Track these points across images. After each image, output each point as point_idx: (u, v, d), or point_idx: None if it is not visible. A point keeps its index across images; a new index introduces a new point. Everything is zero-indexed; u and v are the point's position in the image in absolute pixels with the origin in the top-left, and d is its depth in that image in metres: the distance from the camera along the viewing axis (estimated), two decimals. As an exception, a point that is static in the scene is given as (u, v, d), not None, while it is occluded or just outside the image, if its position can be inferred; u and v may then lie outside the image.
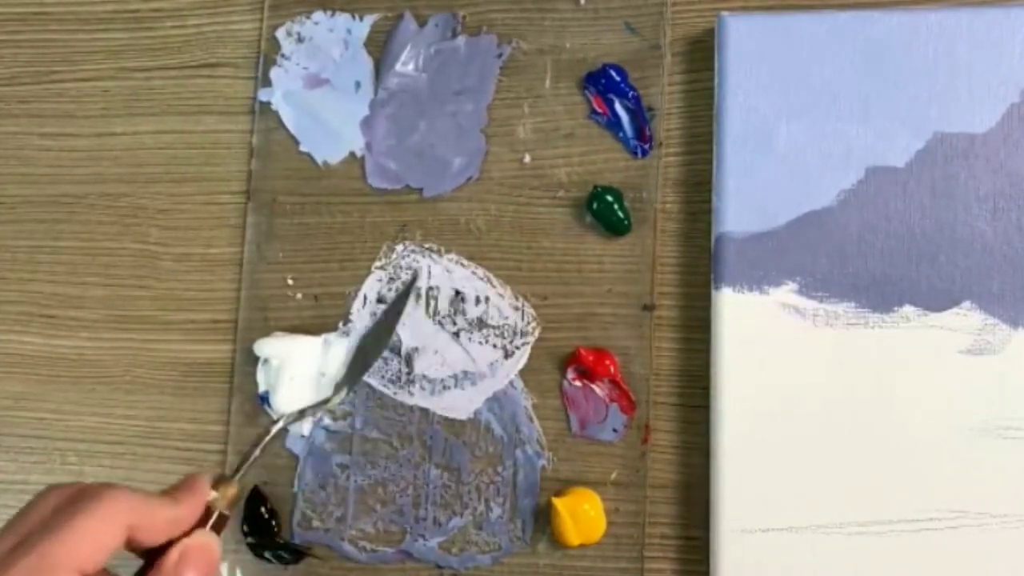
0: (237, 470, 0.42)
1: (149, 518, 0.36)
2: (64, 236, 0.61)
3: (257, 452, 0.43)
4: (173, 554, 0.37)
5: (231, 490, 0.40)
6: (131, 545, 0.37)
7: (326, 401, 0.50)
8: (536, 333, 0.54)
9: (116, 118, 0.61)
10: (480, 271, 0.55)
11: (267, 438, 0.44)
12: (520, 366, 0.54)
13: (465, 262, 0.56)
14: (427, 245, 0.56)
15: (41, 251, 0.61)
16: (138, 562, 0.38)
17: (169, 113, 0.61)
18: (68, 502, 0.36)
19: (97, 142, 0.62)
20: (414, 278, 0.54)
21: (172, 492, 0.39)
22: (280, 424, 0.45)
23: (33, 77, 0.63)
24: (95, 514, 0.35)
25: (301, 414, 0.48)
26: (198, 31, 0.61)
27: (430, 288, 0.55)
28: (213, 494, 0.39)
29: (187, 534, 0.38)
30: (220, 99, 0.60)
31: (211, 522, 0.39)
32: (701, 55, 0.55)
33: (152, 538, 0.37)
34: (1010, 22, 0.50)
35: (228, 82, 0.60)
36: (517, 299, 0.55)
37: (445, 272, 0.56)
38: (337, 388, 0.51)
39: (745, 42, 0.52)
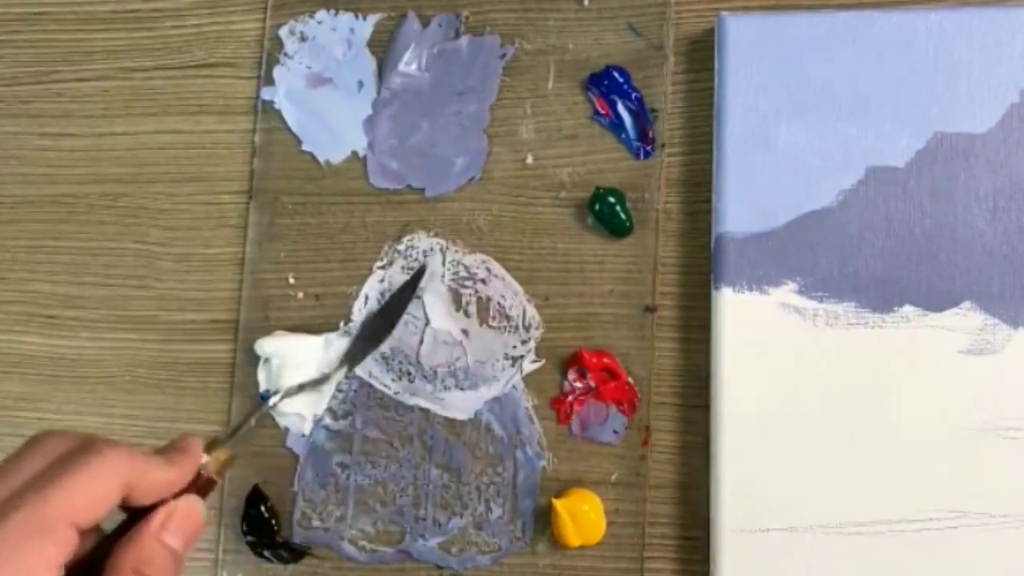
0: (231, 435, 0.41)
1: (145, 479, 0.35)
2: (64, 236, 0.61)
3: (252, 421, 0.42)
4: (158, 516, 0.36)
5: (223, 455, 0.40)
6: (122, 503, 0.36)
7: (325, 378, 0.50)
8: (538, 334, 0.54)
9: (116, 118, 0.61)
10: (484, 268, 0.55)
11: (265, 407, 0.43)
12: (528, 370, 0.54)
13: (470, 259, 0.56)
14: (437, 239, 0.56)
15: (41, 251, 0.61)
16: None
17: (169, 113, 0.61)
18: (66, 453, 0.34)
19: (97, 142, 0.61)
20: (423, 268, 0.54)
21: (166, 453, 0.38)
22: (279, 397, 0.45)
23: (33, 77, 0.63)
24: (94, 470, 0.34)
25: (300, 388, 0.47)
26: (198, 31, 0.61)
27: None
28: (205, 458, 0.39)
29: (175, 496, 0.37)
30: (220, 99, 0.60)
31: (198, 485, 0.38)
32: (701, 55, 0.55)
33: (144, 499, 0.36)
34: (1010, 22, 0.50)
35: (228, 82, 0.60)
36: (518, 299, 0.55)
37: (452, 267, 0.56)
38: (338, 366, 0.51)
39: (745, 42, 0.52)
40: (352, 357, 0.52)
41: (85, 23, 0.63)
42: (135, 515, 0.37)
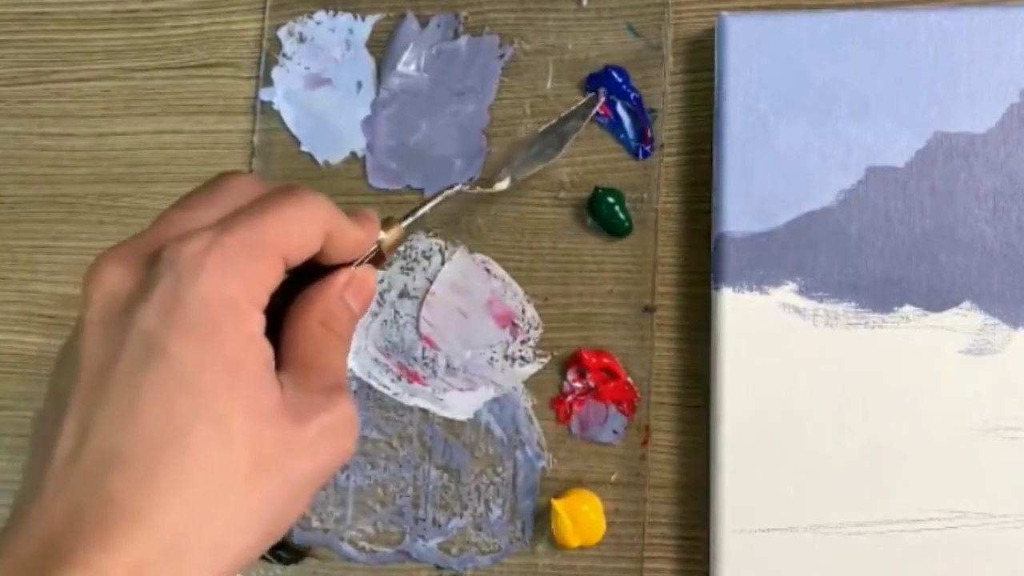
0: (405, 218, 0.40)
1: (342, 233, 0.35)
2: (64, 236, 0.61)
3: (428, 208, 0.42)
4: (342, 276, 0.36)
5: (396, 234, 0.39)
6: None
7: (490, 183, 0.49)
8: (538, 334, 0.54)
9: (116, 118, 0.61)
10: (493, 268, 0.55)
11: (440, 197, 0.43)
12: (533, 371, 0.54)
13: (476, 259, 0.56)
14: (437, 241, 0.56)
15: (41, 251, 0.61)
16: None
17: (169, 113, 0.61)
18: (274, 192, 0.34)
19: (97, 142, 0.62)
20: (598, 94, 0.53)
21: (352, 217, 0.37)
22: (456, 188, 0.44)
23: (33, 77, 0.63)
24: (304, 210, 0.34)
25: (472, 184, 0.46)
26: (198, 31, 0.61)
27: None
28: (382, 234, 0.38)
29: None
30: (220, 99, 0.60)
31: (370, 259, 0.38)
32: (701, 55, 0.55)
33: (335, 255, 0.35)
34: (1010, 22, 0.50)
35: (228, 82, 0.60)
36: (517, 299, 0.55)
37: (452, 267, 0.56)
38: (502, 173, 0.50)
39: (745, 42, 0.52)
40: (517, 168, 0.51)
41: (85, 23, 0.63)
42: (294, 280, 0.36)
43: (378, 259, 0.39)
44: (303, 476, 0.33)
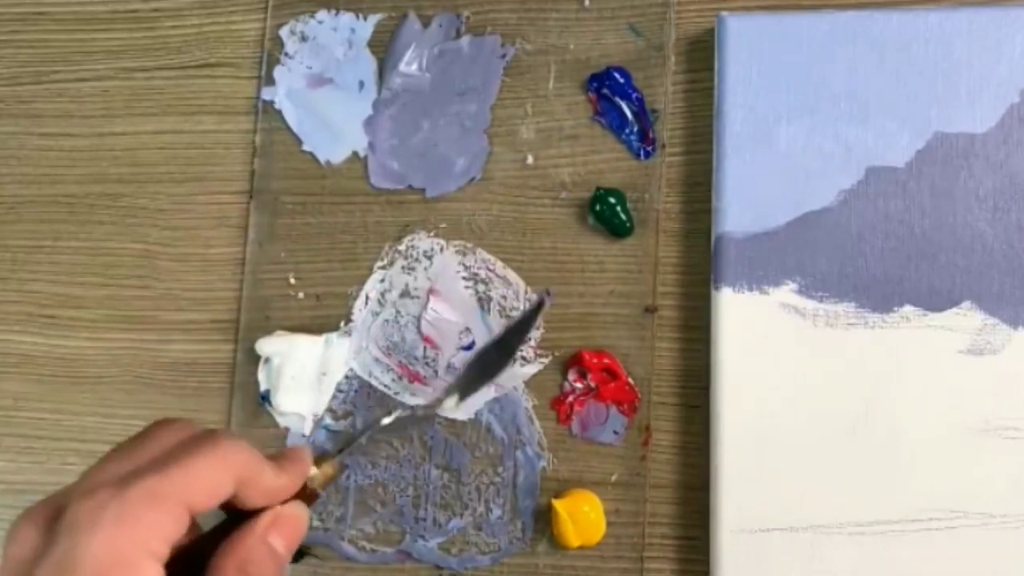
0: (339, 450, 0.41)
1: (258, 480, 0.35)
2: (64, 236, 0.61)
3: (363, 439, 0.42)
4: (265, 518, 0.36)
5: (330, 469, 0.39)
6: (228, 502, 0.36)
7: (439, 403, 0.48)
8: (538, 334, 0.54)
9: (116, 118, 0.62)
10: (488, 267, 0.55)
11: (376, 426, 0.42)
12: (533, 371, 0.54)
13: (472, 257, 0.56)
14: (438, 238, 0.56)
15: (41, 251, 0.61)
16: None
17: (169, 113, 0.61)
18: (189, 440, 0.35)
19: (97, 142, 0.61)
20: (543, 300, 0.53)
21: (277, 459, 0.37)
22: (392, 417, 0.44)
23: (33, 77, 0.63)
24: (213, 458, 0.34)
25: (412, 410, 0.46)
26: (198, 31, 0.61)
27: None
28: (313, 471, 0.39)
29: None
30: (220, 99, 0.61)
31: (303, 496, 0.38)
32: (701, 55, 0.55)
33: (252, 500, 0.36)
34: (1010, 22, 0.50)
35: (228, 82, 0.61)
36: (519, 299, 0.55)
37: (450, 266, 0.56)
38: (448, 393, 0.49)
39: (745, 42, 0.52)
40: (464, 387, 0.49)
41: (85, 23, 0.63)
42: (233, 519, 0.36)
43: (313, 495, 0.39)
44: None
